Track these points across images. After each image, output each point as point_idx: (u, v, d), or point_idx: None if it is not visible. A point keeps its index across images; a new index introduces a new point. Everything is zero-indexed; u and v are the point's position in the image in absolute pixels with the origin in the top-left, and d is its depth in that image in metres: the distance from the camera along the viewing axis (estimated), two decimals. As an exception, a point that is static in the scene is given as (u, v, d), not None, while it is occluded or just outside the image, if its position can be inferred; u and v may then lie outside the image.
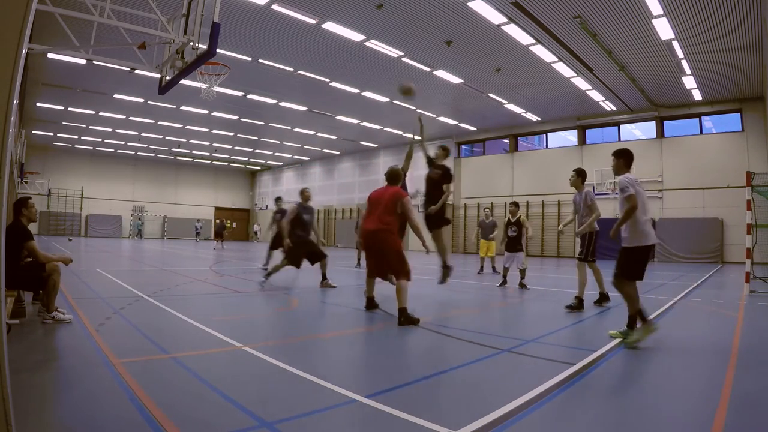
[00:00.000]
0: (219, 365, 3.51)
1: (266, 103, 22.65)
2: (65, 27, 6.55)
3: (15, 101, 1.71)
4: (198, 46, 6.02)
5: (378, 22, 13.62)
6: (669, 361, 3.92)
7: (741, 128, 19.56)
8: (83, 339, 4.05)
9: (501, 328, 5.22)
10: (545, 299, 7.83)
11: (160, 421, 2.33)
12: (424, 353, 4.08)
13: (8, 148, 1.68)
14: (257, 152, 37.29)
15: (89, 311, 5.30)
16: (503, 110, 22.81)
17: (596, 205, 6.77)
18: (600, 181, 22.61)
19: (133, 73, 17.89)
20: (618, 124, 23.15)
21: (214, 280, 9.53)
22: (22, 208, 4.79)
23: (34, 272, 4.62)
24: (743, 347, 4.40)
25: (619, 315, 6.27)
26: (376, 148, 33.88)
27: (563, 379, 3.17)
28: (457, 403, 2.82)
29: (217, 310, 6.01)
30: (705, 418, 2.57)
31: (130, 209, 40.02)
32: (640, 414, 2.66)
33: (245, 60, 16.70)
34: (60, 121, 27.06)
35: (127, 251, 19.93)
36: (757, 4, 11.48)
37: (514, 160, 26.71)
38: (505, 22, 13.33)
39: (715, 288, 9.93)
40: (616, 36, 14.08)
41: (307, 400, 2.73)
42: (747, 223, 8.67)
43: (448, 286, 8.15)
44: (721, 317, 6.21)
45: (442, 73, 17.76)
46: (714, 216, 19.69)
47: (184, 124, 27.54)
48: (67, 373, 3.23)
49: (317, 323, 5.53)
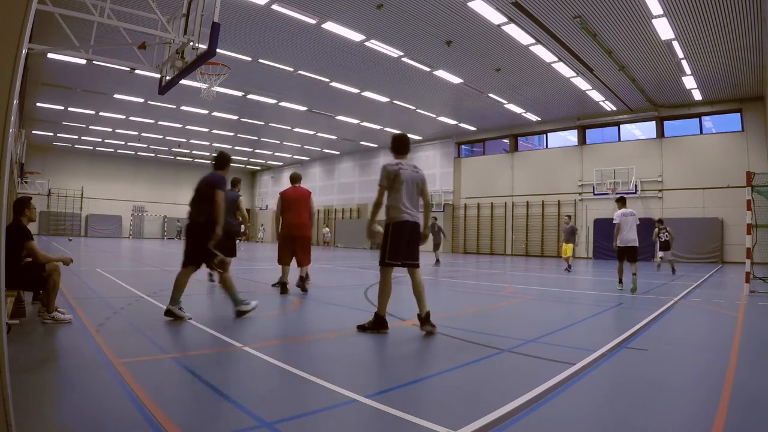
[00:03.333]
0: (219, 365, 3.51)
1: (266, 103, 22.66)
2: (65, 27, 6.55)
3: (15, 101, 1.71)
4: (198, 46, 6.02)
5: (378, 22, 13.62)
6: (669, 360, 3.92)
7: (741, 128, 19.57)
8: (83, 339, 4.05)
9: (501, 328, 5.21)
10: (545, 299, 7.83)
11: (160, 421, 2.33)
12: (424, 353, 4.08)
13: (8, 148, 1.68)
14: (257, 152, 37.30)
15: (89, 311, 5.30)
16: (503, 110, 22.82)
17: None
18: (600, 181, 22.63)
19: (133, 73, 17.90)
20: (618, 124, 23.17)
21: (214, 279, 9.52)
22: (24, 208, 4.79)
23: (34, 272, 4.62)
24: (743, 347, 4.40)
25: (620, 315, 6.28)
26: (376, 148, 33.91)
27: (563, 379, 3.17)
28: (457, 403, 2.81)
29: (217, 310, 6.01)
30: (705, 418, 2.57)
31: (130, 209, 40.05)
32: (640, 414, 2.66)
33: (245, 60, 16.71)
34: (60, 121, 27.08)
35: (127, 251, 19.93)
36: (757, 4, 11.49)
37: (514, 160, 26.72)
38: (505, 22, 13.33)
39: (715, 288, 9.93)
40: (616, 36, 14.08)
41: (307, 400, 2.73)
42: (747, 223, 8.67)
43: (448, 286, 8.13)
44: (721, 317, 6.21)
45: (442, 73, 17.77)
46: (714, 216, 19.70)
47: (184, 124, 27.55)
48: (67, 373, 3.23)
49: (317, 323, 5.53)
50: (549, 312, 6.54)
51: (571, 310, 6.75)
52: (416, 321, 4.72)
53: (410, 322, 5.33)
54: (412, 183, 4.68)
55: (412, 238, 4.67)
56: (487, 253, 26.83)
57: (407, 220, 4.63)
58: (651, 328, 5.17)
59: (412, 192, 4.69)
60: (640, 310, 6.51)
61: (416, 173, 4.76)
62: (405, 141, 4.91)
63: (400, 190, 4.62)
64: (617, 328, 5.04)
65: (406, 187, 4.64)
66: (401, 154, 4.85)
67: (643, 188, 21.74)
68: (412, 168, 4.77)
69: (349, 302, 6.97)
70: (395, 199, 4.64)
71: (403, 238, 4.63)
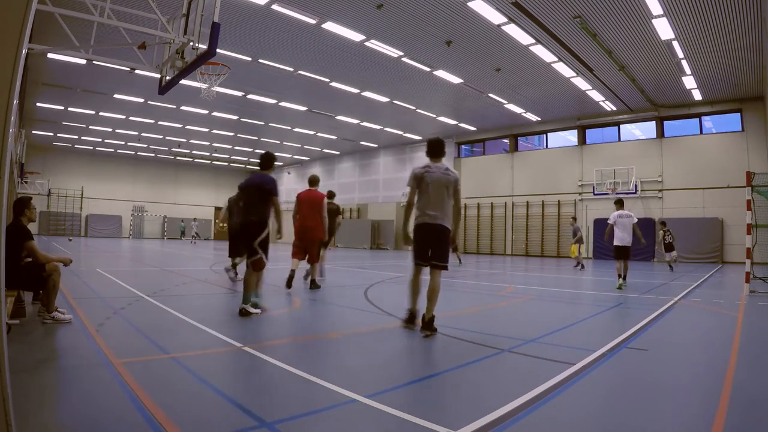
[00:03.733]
0: (219, 365, 3.51)
1: (266, 103, 22.66)
2: (65, 27, 6.55)
3: (15, 101, 1.71)
4: (198, 46, 6.02)
5: (378, 22, 13.62)
6: (669, 360, 3.92)
7: (741, 128, 19.57)
8: (83, 339, 4.05)
9: (501, 328, 5.21)
10: (545, 299, 7.84)
11: (160, 421, 2.33)
12: (424, 353, 4.08)
13: (8, 148, 1.68)
14: (257, 152, 37.28)
15: (89, 311, 5.30)
16: (503, 110, 22.82)
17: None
18: (600, 181, 22.63)
19: (133, 73, 17.89)
20: (618, 124, 23.17)
21: (215, 280, 9.53)
22: (24, 208, 4.79)
23: (34, 272, 4.62)
24: (743, 347, 4.40)
25: (620, 315, 6.28)
26: (376, 148, 33.91)
27: (563, 379, 3.17)
28: (457, 403, 2.82)
29: (218, 310, 6.01)
30: (705, 418, 2.57)
31: (130, 209, 40.04)
32: (640, 414, 2.66)
33: (245, 60, 16.70)
34: (60, 121, 27.07)
35: (127, 251, 19.93)
36: (757, 4, 11.48)
37: (514, 160, 26.72)
38: (505, 22, 13.33)
39: (715, 288, 9.93)
40: (616, 36, 14.08)
41: (307, 400, 2.73)
42: (747, 223, 8.67)
43: (448, 286, 8.14)
44: (721, 317, 6.21)
45: (442, 73, 17.77)
46: (714, 216, 19.70)
47: (184, 124, 27.55)
48: (67, 373, 3.22)
49: (317, 323, 5.53)
50: (549, 312, 6.54)
51: (571, 310, 6.76)
52: (417, 321, 4.73)
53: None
54: (440, 186, 4.67)
55: (431, 241, 4.67)
56: (487, 253, 26.83)
57: (426, 222, 4.66)
58: (651, 328, 5.17)
59: (440, 195, 4.67)
60: (640, 310, 6.51)
61: (447, 176, 4.73)
62: (438, 144, 4.89)
63: (425, 192, 4.67)
64: (617, 328, 5.04)
65: (433, 189, 4.65)
66: (435, 157, 4.87)
67: (643, 188, 21.74)
68: (443, 171, 4.74)
69: (349, 302, 6.97)
70: (420, 201, 4.73)
71: (420, 240, 4.70)
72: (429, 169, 4.72)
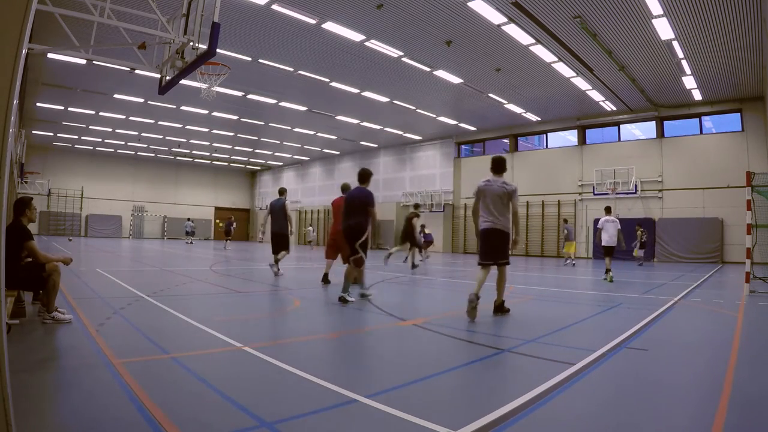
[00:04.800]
0: (219, 365, 3.51)
1: (266, 103, 22.66)
2: (65, 27, 6.54)
3: (15, 101, 1.71)
4: (198, 46, 6.02)
5: (378, 22, 13.62)
6: (669, 360, 3.92)
7: (741, 128, 19.57)
8: (83, 339, 4.05)
9: (501, 328, 5.21)
10: (545, 299, 7.83)
11: (160, 421, 2.33)
12: (424, 353, 4.08)
13: (8, 148, 1.68)
14: (257, 152, 37.30)
15: (89, 311, 5.30)
16: (503, 110, 22.82)
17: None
18: (600, 181, 22.63)
19: (133, 73, 17.89)
20: (618, 124, 23.17)
21: (215, 280, 9.54)
22: (25, 208, 4.79)
23: (34, 272, 4.62)
24: (743, 347, 4.40)
25: (620, 315, 6.28)
26: (376, 148, 33.90)
27: (563, 379, 3.17)
28: (457, 403, 2.82)
29: (218, 310, 6.01)
30: (705, 418, 2.57)
31: (130, 209, 40.04)
32: (640, 414, 2.66)
33: (245, 60, 16.71)
34: (60, 121, 27.07)
35: (127, 251, 19.93)
36: (757, 4, 11.49)
37: (514, 160, 26.71)
38: (505, 22, 13.33)
39: (715, 288, 9.93)
40: (616, 36, 14.08)
41: (307, 400, 2.73)
42: (747, 223, 8.67)
43: (448, 286, 8.14)
44: (721, 317, 6.21)
45: (442, 73, 17.77)
46: (714, 216, 19.69)
47: (184, 124, 27.55)
48: (67, 373, 3.22)
49: (317, 323, 5.53)
50: (549, 312, 6.53)
51: (571, 310, 6.75)
52: (417, 321, 4.76)
53: (410, 322, 5.34)
54: (495, 196, 5.59)
55: (491, 242, 5.59)
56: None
57: (485, 227, 5.62)
58: (651, 328, 5.17)
59: (495, 203, 5.59)
60: (640, 310, 6.51)
61: (503, 188, 5.62)
62: (500, 163, 5.82)
63: (480, 201, 5.68)
64: (617, 328, 5.04)
65: (489, 199, 5.60)
66: (496, 173, 5.79)
67: (643, 188, 21.74)
68: (500, 184, 5.66)
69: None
70: (482, 210, 5.67)
71: (482, 242, 5.65)
72: (489, 183, 5.64)
